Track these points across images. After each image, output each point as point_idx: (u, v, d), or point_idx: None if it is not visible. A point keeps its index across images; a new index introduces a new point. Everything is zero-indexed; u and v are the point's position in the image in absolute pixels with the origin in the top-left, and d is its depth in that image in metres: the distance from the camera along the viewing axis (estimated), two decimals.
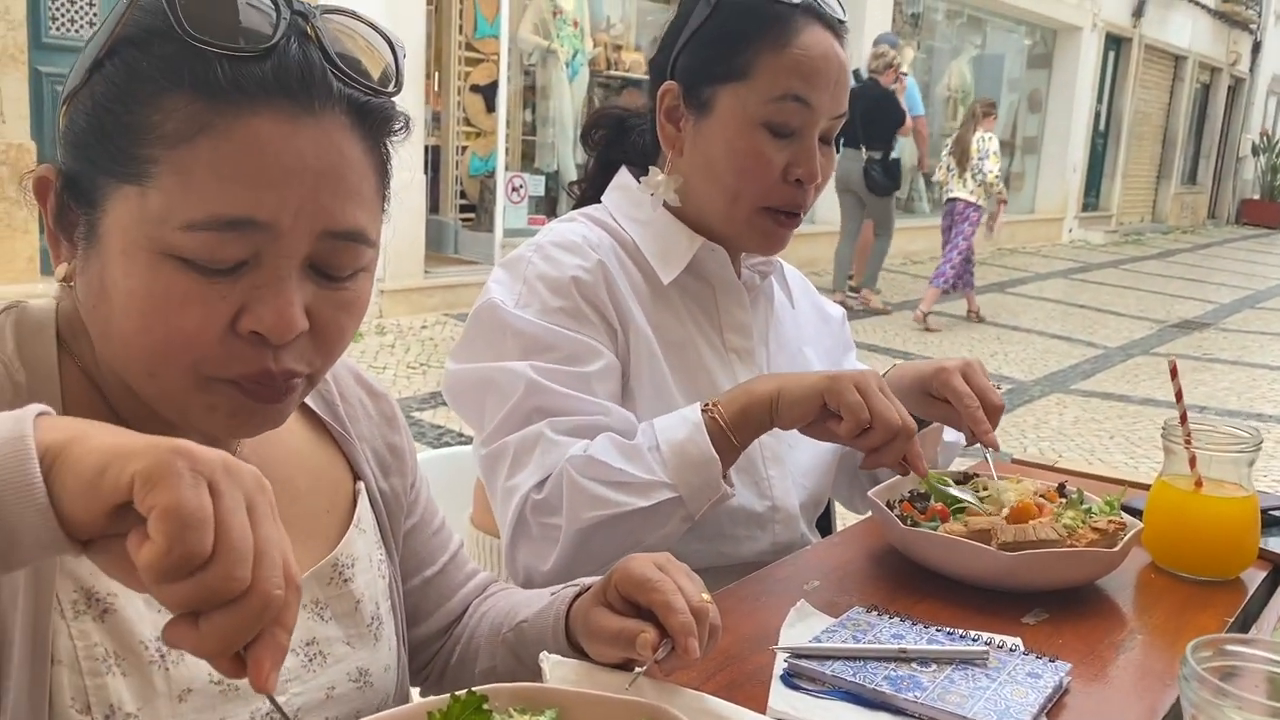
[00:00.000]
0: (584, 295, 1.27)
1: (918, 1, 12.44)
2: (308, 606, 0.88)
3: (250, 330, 0.72)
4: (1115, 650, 1.08)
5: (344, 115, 0.74)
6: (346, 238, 0.74)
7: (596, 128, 1.47)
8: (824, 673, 0.97)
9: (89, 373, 0.80)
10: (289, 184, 0.70)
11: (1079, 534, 1.19)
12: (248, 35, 0.70)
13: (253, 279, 0.72)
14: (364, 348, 5.84)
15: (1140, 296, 10.44)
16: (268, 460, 0.89)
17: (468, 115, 8.04)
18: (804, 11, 1.27)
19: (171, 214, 0.69)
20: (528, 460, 1.20)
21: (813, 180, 1.30)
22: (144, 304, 0.71)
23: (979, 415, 1.26)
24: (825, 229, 10.19)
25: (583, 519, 1.16)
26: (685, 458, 1.16)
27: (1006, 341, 7.62)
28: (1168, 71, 18.06)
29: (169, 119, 0.69)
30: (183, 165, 0.69)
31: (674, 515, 1.18)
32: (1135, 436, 5.30)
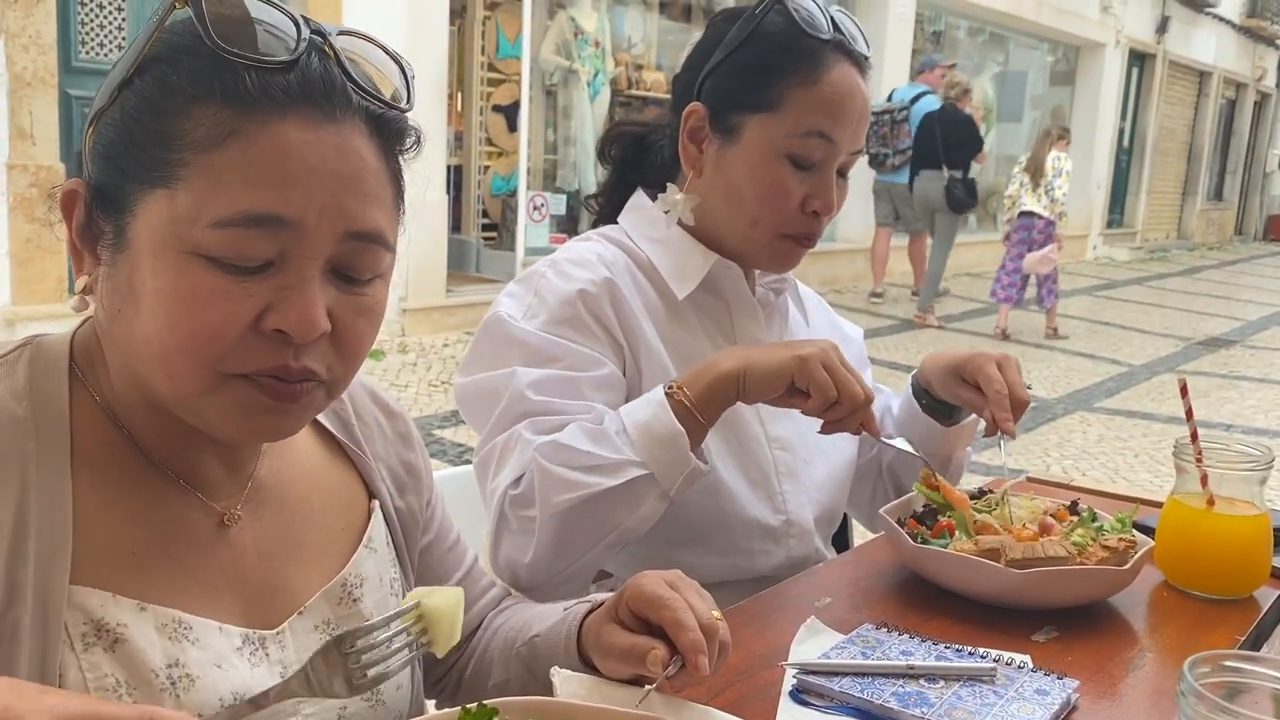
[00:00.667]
0: (589, 308, 1.29)
1: (939, 19, 12.45)
2: (319, 627, 0.88)
3: (274, 329, 0.74)
4: (1125, 668, 1.09)
5: (363, 124, 0.77)
6: (368, 239, 0.77)
7: (613, 143, 1.49)
8: (832, 689, 0.98)
9: (105, 401, 0.81)
10: (313, 184, 0.74)
11: (1089, 552, 1.19)
12: (272, 49, 0.74)
13: (278, 280, 0.74)
14: (386, 366, 5.88)
15: (1165, 314, 10.36)
16: (284, 479, 0.91)
17: (490, 135, 8.11)
18: (834, 48, 1.30)
19: (201, 213, 0.72)
20: (507, 459, 1.22)
21: (828, 213, 1.34)
22: (171, 301, 0.73)
23: (1004, 403, 1.33)
24: (844, 247, 10.20)
25: (555, 504, 1.16)
26: (651, 435, 1.17)
27: (1030, 359, 7.58)
28: (1192, 87, 17.96)
29: (199, 126, 0.73)
30: (212, 168, 0.72)
31: (648, 493, 1.18)
32: (1160, 455, 5.25)
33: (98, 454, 0.80)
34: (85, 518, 0.77)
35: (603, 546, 1.20)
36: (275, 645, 0.85)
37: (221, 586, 0.83)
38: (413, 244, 6.50)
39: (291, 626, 0.87)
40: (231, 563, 0.84)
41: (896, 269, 10.05)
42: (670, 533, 1.30)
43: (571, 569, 1.21)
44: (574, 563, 1.20)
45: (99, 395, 0.82)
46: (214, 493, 0.85)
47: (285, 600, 0.87)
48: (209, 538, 0.84)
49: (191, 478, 0.84)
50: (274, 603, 0.86)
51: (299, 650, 0.86)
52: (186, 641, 0.79)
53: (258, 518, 0.88)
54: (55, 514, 0.76)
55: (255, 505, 0.88)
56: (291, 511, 0.90)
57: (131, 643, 0.76)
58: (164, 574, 0.80)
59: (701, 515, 1.31)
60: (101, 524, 0.78)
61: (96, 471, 0.79)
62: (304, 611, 0.88)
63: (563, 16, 8.09)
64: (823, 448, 1.44)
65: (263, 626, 0.85)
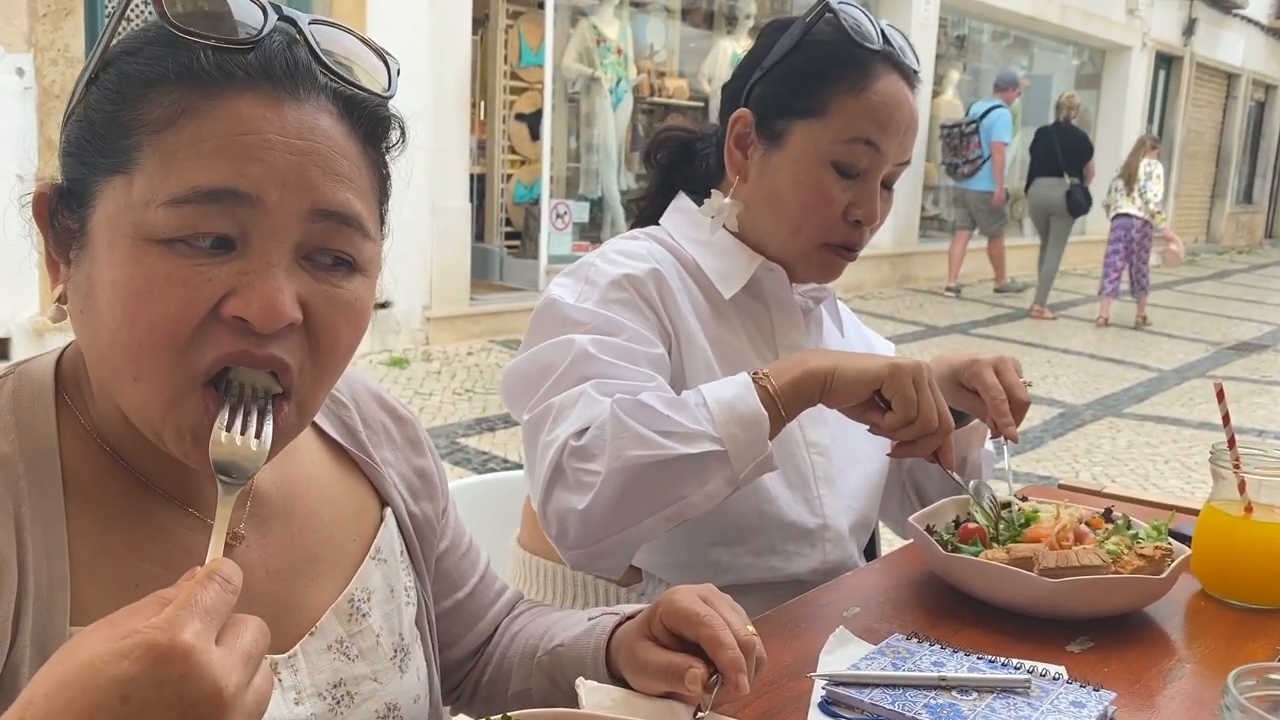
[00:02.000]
0: (639, 291, 1.29)
1: (963, 23, 12.39)
2: (332, 647, 0.85)
3: (234, 315, 0.69)
4: (1162, 680, 1.06)
5: (330, 104, 0.73)
6: (339, 219, 0.72)
7: (660, 148, 1.50)
8: (863, 700, 0.96)
9: (93, 426, 0.78)
10: (273, 158, 0.69)
11: (1124, 560, 1.17)
12: (231, 31, 0.71)
13: (240, 264, 0.69)
14: (410, 374, 5.90)
15: (1195, 318, 10.25)
16: (288, 491, 0.87)
17: (513, 143, 8.13)
18: (883, 59, 1.30)
19: (154, 194, 0.68)
20: (569, 414, 1.18)
21: (871, 222, 1.34)
22: (126, 292, 0.69)
23: (1003, 408, 1.32)
24: (870, 253, 10.13)
25: (626, 457, 1.12)
26: (732, 412, 1.14)
27: (1058, 364, 7.51)
28: (1220, 89, 17.79)
29: (154, 108, 0.70)
30: (165, 148, 0.69)
31: (718, 472, 1.15)
32: (1191, 461, 5.19)
33: (92, 484, 0.76)
34: (83, 554, 0.74)
35: (660, 517, 1.16)
36: (288, 670, 0.82)
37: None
38: (436, 252, 6.52)
39: (304, 648, 0.83)
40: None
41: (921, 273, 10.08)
42: (709, 532, 1.30)
43: (624, 534, 1.16)
44: (628, 526, 1.16)
45: (87, 420, 0.78)
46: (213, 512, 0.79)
47: (296, 620, 0.84)
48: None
49: (188, 498, 0.80)
50: (285, 623, 0.83)
51: (312, 673, 0.83)
52: None
53: (263, 534, 0.84)
54: (52, 555, 0.72)
55: (260, 521, 0.84)
56: (300, 525, 0.87)
57: None
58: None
59: (741, 515, 1.30)
60: (102, 559, 0.74)
61: (93, 502, 0.75)
62: (315, 632, 0.84)
63: (585, 24, 8.11)
64: (856, 456, 1.43)
65: (274, 650, 0.81)
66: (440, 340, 6.66)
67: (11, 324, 4.84)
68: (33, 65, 4.82)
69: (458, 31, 6.57)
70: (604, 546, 1.17)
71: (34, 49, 4.83)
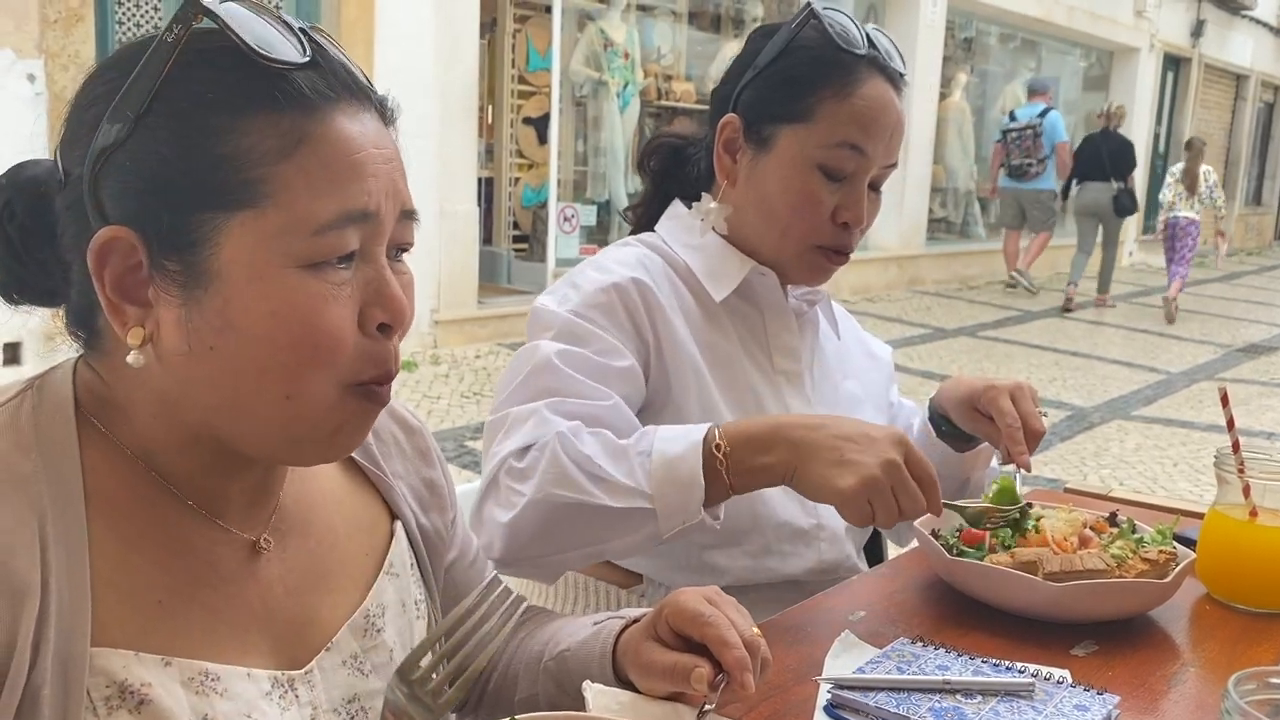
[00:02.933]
0: (621, 300, 1.30)
1: (970, 25, 12.38)
2: (347, 663, 0.85)
3: (379, 323, 0.75)
4: (1166, 683, 1.07)
5: (373, 105, 0.78)
6: (411, 216, 0.79)
7: (652, 155, 1.52)
8: (867, 704, 0.97)
9: (125, 441, 0.77)
10: (379, 172, 0.75)
11: (1129, 564, 1.17)
12: (292, 51, 0.73)
13: (362, 273, 0.75)
14: (419, 377, 5.92)
15: (1204, 320, 10.22)
16: (307, 505, 0.88)
17: (520, 147, 8.15)
18: (868, 63, 1.32)
19: (299, 224, 0.72)
20: (518, 429, 1.20)
21: (859, 224, 1.35)
22: (291, 319, 0.72)
23: (1018, 436, 1.32)
24: (877, 255, 10.15)
25: (549, 493, 1.14)
26: (671, 472, 1.14)
27: (1065, 367, 7.50)
28: (1229, 91, 17.73)
29: (264, 139, 0.71)
30: (294, 177, 0.72)
31: (642, 528, 1.15)
32: (1200, 464, 5.17)
33: (116, 497, 0.76)
34: (106, 571, 0.73)
35: (581, 553, 1.19)
36: (304, 686, 0.82)
37: (250, 626, 0.80)
38: (444, 256, 6.54)
39: (320, 664, 0.83)
40: (259, 599, 0.81)
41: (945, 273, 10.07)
42: (704, 535, 1.30)
43: (545, 559, 1.20)
44: (548, 555, 1.19)
45: (113, 434, 0.77)
46: (241, 522, 0.82)
47: (313, 635, 0.84)
48: (236, 574, 0.80)
49: (218, 510, 0.80)
50: (302, 638, 0.83)
51: (328, 689, 0.83)
52: (214, 694, 0.75)
53: (284, 548, 0.84)
54: (74, 575, 0.71)
55: (281, 534, 0.84)
56: (317, 540, 0.87)
57: (157, 702, 0.72)
58: (191, 620, 0.76)
59: (735, 517, 1.30)
60: (124, 575, 0.74)
61: (116, 516, 0.75)
62: (331, 647, 0.84)
63: (592, 29, 8.13)
64: None
65: (291, 665, 0.82)
66: (448, 343, 6.68)
67: (23, 329, 4.86)
68: (44, 71, 4.85)
69: (465, 36, 6.59)
70: (526, 566, 1.21)
71: (45, 55, 4.86)
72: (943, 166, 11.94)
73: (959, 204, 12.47)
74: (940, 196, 12.15)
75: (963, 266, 11.61)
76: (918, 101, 10.40)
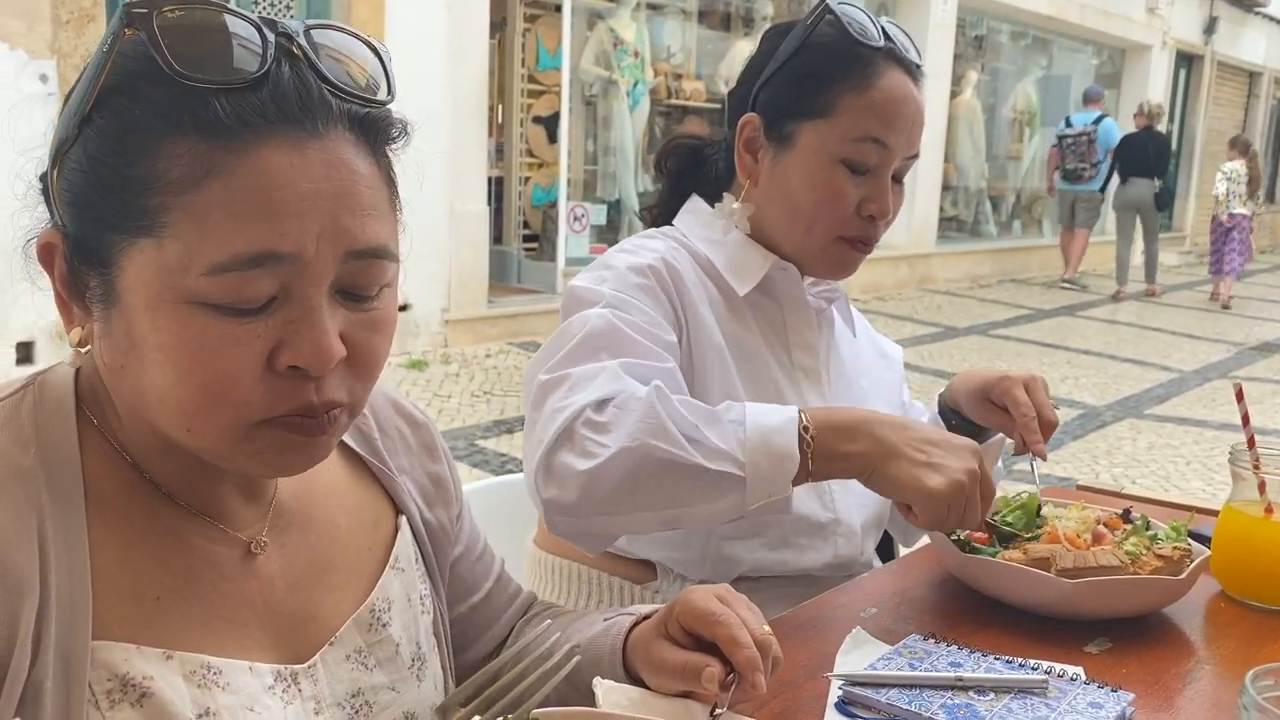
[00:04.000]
0: (657, 281, 1.30)
1: (981, 23, 12.33)
2: (351, 657, 0.85)
3: (289, 365, 0.70)
4: (1182, 681, 1.06)
5: (347, 131, 0.72)
6: (370, 255, 0.72)
7: (669, 155, 1.51)
8: (879, 700, 0.96)
9: (117, 441, 0.77)
10: (306, 211, 0.68)
11: (1142, 561, 1.16)
12: (238, 67, 0.68)
13: (284, 313, 0.70)
14: (429, 377, 5.92)
15: (1217, 319, 10.17)
16: (309, 501, 0.87)
17: (530, 146, 8.15)
18: (885, 56, 1.32)
19: (192, 261, 0.67)
20: (588, 385, 1.16)
21: (884, 216, 1.35)
22: (177, 355, 0.69)
23: (1033, 425, 1.30)
24: (887, 254, 10.13)
25: (645, 443, 1.09)
26: (767, 443, 1.11)
27: (1078, 365, 7.47)
28: (1242, 88, 17.63)
29: (174, 165, 0.67)
30: (196, 210, 0.67)
31: (728, 495, 1.11)
32: (1213, 463, 5.14)
33: (114, 496, 0.76)
34: (105, 567, 0.73)
35: (657, 516, 1.14)
36: (308, 680, 0.81)
37: (250, 621, 0.79)
38: (454, 255, 6.54)
39: (323, 658, 0.83)
40: (259, 595, 0.81)
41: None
42: (724, 526, 1.31)
43: (615, 518, 1.14)
44: (623, 512, 1.13)
45: (109, 434, 0.77)
46: (236, 523, 0.81)
47: (316, 630, 0.84)
48: (235, 571, 0.80)
49: (212, 510, 0.80)
50: (304, 633, 0.83)
51: (331, 683, 0.83)
52: (216, 687, 0.75)
53: (283, 545, 0.84)
54: (74, 569, 0.71)
55: (279, 531, 0.84)
56: (318, 535, 0.87)
57: (159, 695, 0.72)
58: (191, 616, 0.76)
59: None
60: (123, 571, 0.74)
61: (115, 514, 0.75)
62: (335, 642, 0.84)
63: (602, 27, 8.13)
64: None
65: (293, 660, 0.81)
66: (458, 342, 6.68)
67: (35, 328, 4.89)
68: (56, 72, 4.87)
69: (475, 35, 6.60)
70: (593, 523, 1.14)
71: (57, 55, 4.88)
72: (954, 165, 11.90)
73: (970, 202, 12.43)
74: (951, 195, 12.12)
75: (974, 265, 11.57)
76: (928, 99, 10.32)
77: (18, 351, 4.84)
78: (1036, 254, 12.75)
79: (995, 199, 12.81)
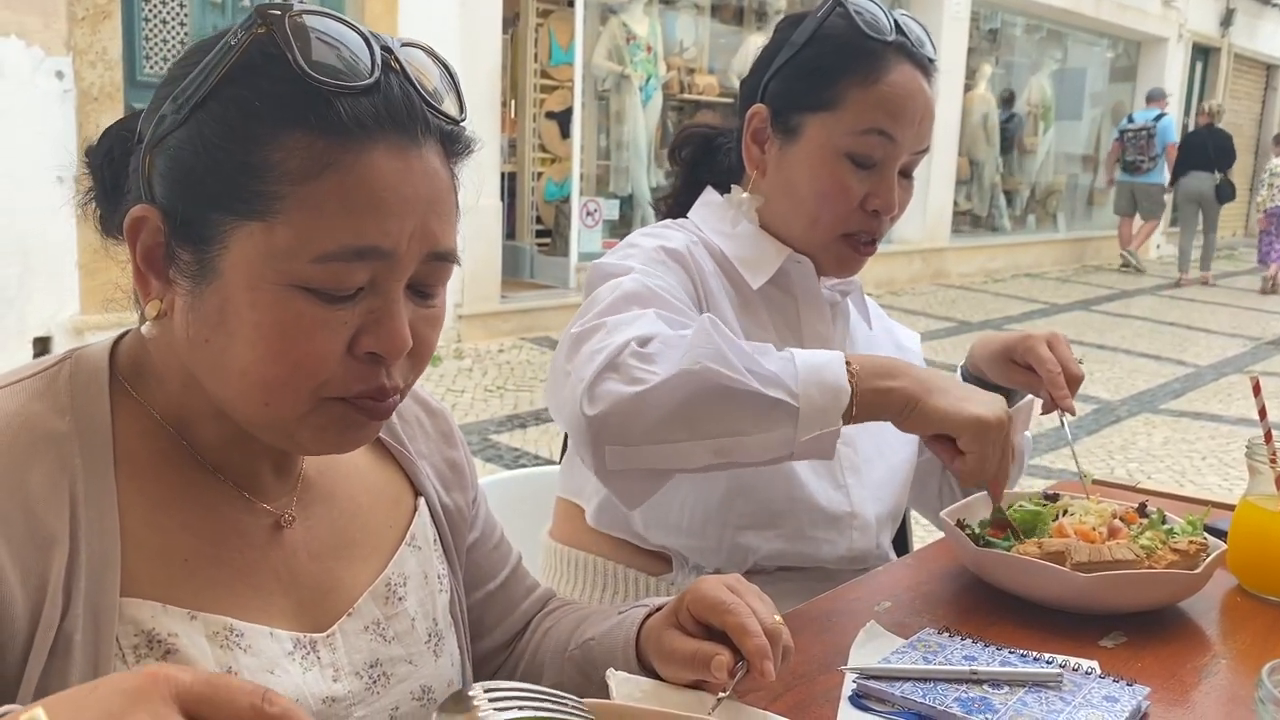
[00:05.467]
0: (679, 263, 1.31)
1: (995, 17, 12.28)
2: (369, 628, 0.88)
3: (368, 351, 0.76)
4: (1198, 675, 1.05)
5: (437, 143, 0.78)
6: (445, 258, 0.79)
7: (684, 144, 1.52)
8: (893, 694, 0.97)
9: (157, 408, 0.81)
10: (405, 212, 0.75)
11: (1158, 555, 1.16)
12: (353, 70, 0.74)
13: (369, 303, 0.76)
14: (443, 371, 5.94)
15: (1234, 313, 10.10)
16: (333, 478, 0.92)
17: (543, 141, 8.15)
18: (895, 49, 1.31)
19: (302, 248, 0.73)
20: (625, 328, 1.14)
21: (889, 212, 1.34)
22: (272, 333, 0.74)
23: (1059, 380, 1.29)
24: (901, 248, 10.10)
25: (703, 365, 1.07)
26: (818, 376, 1.10)
27: (1092, 360, 7.43)
28: (1259, 81, 17.51)
29: (291, 157, 0.72)
30: (310, 201, 0.72)
31: (781, 426, 1.09)
32: (1228, 458, 5.12)
33: (146, 462, 0.80)
34: (134, 528, 0.77)
35: (711, 445, 1.10)
36: (326, 648, 0.85)
37: (274, 589, 0.83)
38: (468, 251, 6.55)
39: (342, 628, 0.87)
40: (283, 564, 0.85)
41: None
42: (739, 516, 1.31)
43: (663, 447, 1.10)
44: (674, 440, 1.10)
45: (150, 404, 0.82)
46: (265, 494, 0.86)
47: (335, 601, 0.87)
48: (261, 540, 0.84)
49: (244, 482, 0.85)
50: (325, 604, 0.87)
51: (349, 653, 0.87)
52: (238, 649, 0.79)
53: (308, 517, 0.88)
54: (104, 527, 0.76)
55: (305, 505, 0.88)
56: (340, 510, 0.91)
57: (183, 652, 0.76)
58: (216, 579, 0.80)
59: (770, 499, 1.32)
60: (152, 532, 0.78)
61: (145, 479, 0.79)
62: (353, 613, 0.88)
63: (614, 22, 8.12)
64: (882, 449, 1.44)
65: (313, 629, 0.85)
66: (472, 338, 6.70)
67: (52, 323, 4.92)
68: (72, 68, 4.89)
69: (488, 30, 6.60)
70: (641, 453, 1.11)
71: (73, 52, 4.90)
72: (968, 159, 11.85)
73: (984, 197, 12.37)
74: (965, 189, 12.07)
75: (987, 259, 11.53)
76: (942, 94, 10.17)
77: (35, 347, 4.87)
78: (1051, 248, 12.70)
79: (1009, 193, 12.75)
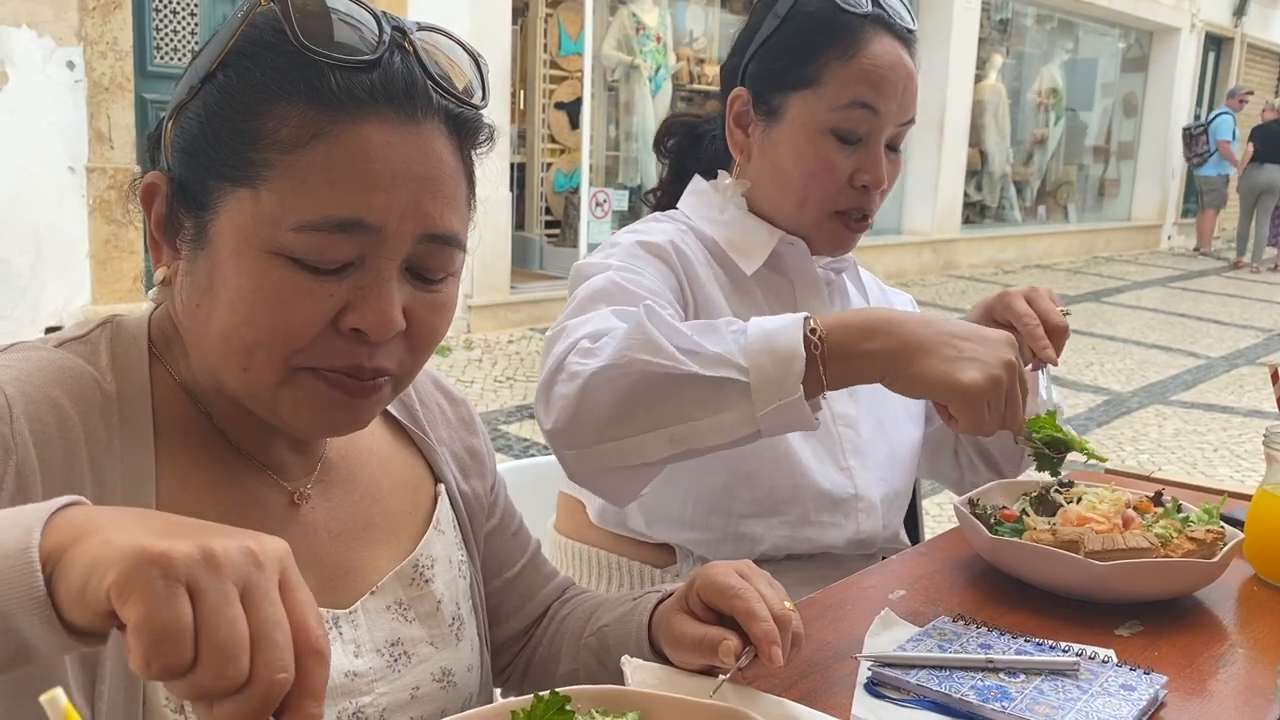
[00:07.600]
0: (663, 258, 1.30)
1: (1006, 7, 12.21)
2: (391, 608, 0.89)
3: (352, 328, 0.76)
4: (1215, 664, 1.05)
5: (441, 125, 0.78)
6: (443, 241, 0.78)
7: (668, 135, 1.51)
8: (909, 681, 0.96)
9: (182, 380, 0.83)
10: (395, 188, 0.74)
11: (1174, 544, 1.15)
12: (355, 46, 0.75)
13: (357, 279, 0.75)
14: (452, 362, 5.94)
15: (1245, 304, 10.05)
16: (352, 461, 0.92)
17: (552, 132, 8.15)
18: (873, 22, 1.30)
19: (285, 215, 0.73)
20: (580, 329, 1.13)
21: (878, 186, 1.32)
22: (252, 298, 0.74)
23: (1038, 332, 1.21)
24: (911, 239, 10.08)
25: (631, 358, 1.03)
26: (768, 343, 1.03)
27: (1103, 352, 7.40)
28: (1272, 71, 17.38)
29: (283, 125, 0.73)
30: (296, 169, 0.73)
31: (734, 405, 1.03)
32: (1241, 449, 5.10)
33: (177, 430, 0.82)
34: (166, 493, 0.79)
35: (664, 435, 1.06)
36: (348, 624, 0.86)
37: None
38: (477, 241, 6.52)
39: (364, 606, 0.88)
40: (304, 541, 0.86)
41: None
42: (743, 505, 1.31)
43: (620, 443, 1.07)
44: (624, 436, 1.06)
45: (177, 376, 0.83)
46: (286, 473, 0.87)
47: (357, 580, 0.88)
48: (281, 516, 0.85)
49: (265, 458, 0.86)
50: (346, 582, 0.87)
51: (372, 630, 0.87)
52: None
53: (328, 498, 0.89)
54: (141, 489, 0.77)
55: (325, 486, 0.89)
56: (360, 493, 0.92)
57: None
58: None
59: (774, 487, 1.31)
60: (184, 494, 0.80)
61: (176, 447, 0.81)
62: (376, 591, 0.89)
63: (624, 12, 8.10)
64: (885, 429, 1.43)
65: (334, 606, 0.86)
66: (481, 328, 6.70)
67: (64, 312, 4.94)
68: (82, 58, 4.90)
69: (498, 21, 6.59)
70: (599, 453, 1.08)
71: (84, 42, 4.91)
72: (978, 150, 11.81)
73: (994, 188, 12.33)
74: (975, 180, 12.03)
75: (998, 250, 11.49)
76: (953, 84, 10.31)
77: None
78: (1061, 239, 12.65)
79: (1020, 183, 12.69)
